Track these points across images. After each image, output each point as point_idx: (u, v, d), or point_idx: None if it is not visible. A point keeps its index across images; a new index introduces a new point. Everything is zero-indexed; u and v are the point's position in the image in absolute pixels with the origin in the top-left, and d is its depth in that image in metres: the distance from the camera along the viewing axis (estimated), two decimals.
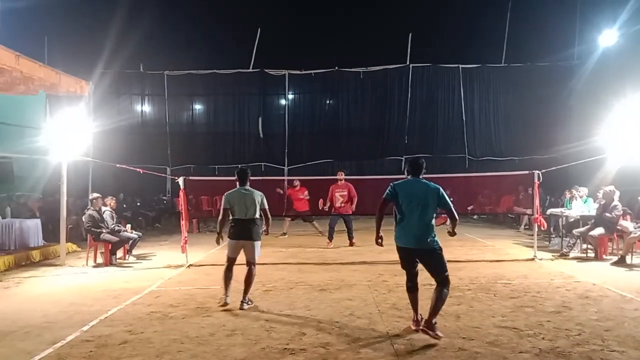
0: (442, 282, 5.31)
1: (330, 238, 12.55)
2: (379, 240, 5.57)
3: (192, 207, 12.05)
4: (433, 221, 5.39)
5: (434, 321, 5.18)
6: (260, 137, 22.54)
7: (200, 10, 21.14)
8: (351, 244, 12.38)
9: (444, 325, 5.65)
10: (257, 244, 6.75)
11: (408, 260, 5.53)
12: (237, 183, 6.91)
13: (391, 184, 5.55)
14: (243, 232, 6.69)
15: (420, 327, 5.28)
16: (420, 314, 5.54)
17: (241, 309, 6.46)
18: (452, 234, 5.59)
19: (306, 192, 13.95)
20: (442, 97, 22.32)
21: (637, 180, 12.55)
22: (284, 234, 14.71)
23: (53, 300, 7.18)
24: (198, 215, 14.68)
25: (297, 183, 14.23)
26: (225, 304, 6.55)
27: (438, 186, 5.49)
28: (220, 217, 6.85)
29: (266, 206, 6.84)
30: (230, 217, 6.77)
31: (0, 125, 15.82)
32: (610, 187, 10.21)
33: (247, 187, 6.87)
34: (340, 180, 12.35)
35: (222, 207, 6.81)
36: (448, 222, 5.76)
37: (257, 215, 6.72)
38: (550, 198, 15.92)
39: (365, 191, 13.04)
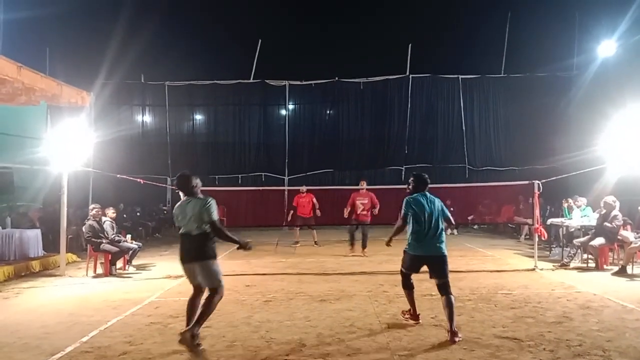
0: (445, 286, 5.77)
1: (351, 245, 12.78)
2: (390, 243, 6.34)
3: None
4: (443, 231, 5.98)
5: (455, 327, 5.56)
6: (260, 147, 22.59)
7: (201, 21, 21.27)
8: (363, 252, 12.51)
9: (444, 336, 5.64)
10: (210, 263, 5.39)
11: (416, 266, 6.04)
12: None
13: (406, 201, 6.06)
14: (187, 253, 5.44)
15: (448, 339, 5.50)
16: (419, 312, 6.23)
17: (179, 340, 5.14)
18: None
19: (313, 199, 14.16)
20: (441, 107, 22.37)
21: (637, 190, 12.55)
22: (297, 242, 14.90)
23: (52, 311, 7.17)
24: None
25: (304, 190, 14.40)
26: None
27: (438, 198, 6.17)
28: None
29: (214, 217, 5.43)
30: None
31: (1, 135, 15.85)
32: (611, 197, 10.21)
33: (191, 196, 5.59)
34: (362, 188, 12.63)
35: None
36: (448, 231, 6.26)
37: (205, 230, 5.40)
38: (550, 208, 15.91)
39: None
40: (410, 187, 6.26)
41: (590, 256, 10.40)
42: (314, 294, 8.03)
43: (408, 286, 6.19)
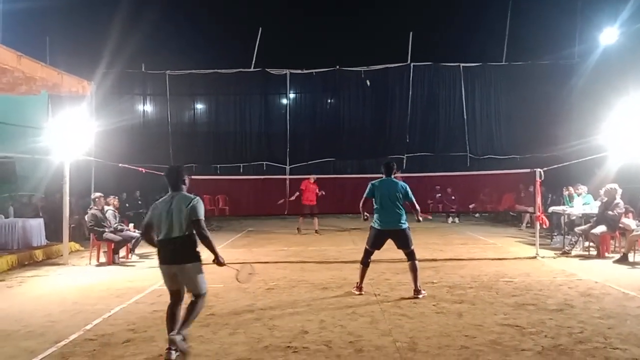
0: (411, 254, 6.97)
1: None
2: (365, 216, 7.29)
3: None
4: (403, 209, 7.02)
5: (419, 286, 6.95)
6: (261, 136, 22.57)
7: (202, 10, 21.16)
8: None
9: (446, 323, 5.68)
10: (196, 267, 4.91)
11: (380, 240, 7.07)
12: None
13: (370, 184, 7.09)
14: (171, 255, 4.87)
15: (412, 295, 6.90)
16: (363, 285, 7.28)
17: (168, 348, 4.68)
18: (419, 220, 7.30)
19: (317, 190, 14.31)
20: (443, 95, 22.27)
21: (639, 178, 12.55)
22: (299, 230, 15.06)
23: (56, 300, 7.21)
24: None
25: (314, 177, 14.59)
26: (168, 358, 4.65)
27: (405, 184, 7.19)
28: (146, 239, 5.22)
29: (200, 216, 4.87)
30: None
31: (2, 125, 15.85)
32: (612, 185, 10.21)
33: (179, 192, 5.07)
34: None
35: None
36: (420, 218, 7.30)
37: (190, 231, 4.87)
38: (551, 196, 15.92)
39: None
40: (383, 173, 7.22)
41: (591, 244, 10.44)
42: (316, 282, 8.07)
43: (366, 264, 7.18)
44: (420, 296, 6.82)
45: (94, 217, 10.40)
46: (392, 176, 7.17)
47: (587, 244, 10.61)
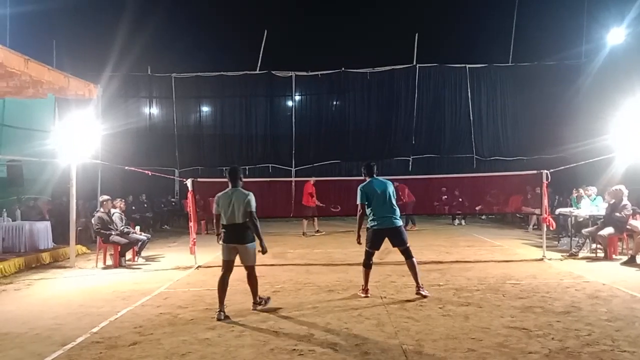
0: (407, 251, 7.00)
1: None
2: (359, 240, 7.23)
3: (200, 208, 12.09)
4: (396, 206, 7.08)
5: (421, 283, 7.00)
6: (267, 139, 22.62)
7: (207, 12, 21.21)
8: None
9: (452, 325, 5.66)
10: (252, 246, 6.40)
11: (379, 241, 7.03)
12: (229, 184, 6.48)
13: (359, 189, 7.08)
14: (234, 236, 6.34)
15: (416, 293, 6.95)
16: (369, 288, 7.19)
17: (254, 309, 6.49)
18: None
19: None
20: (449, 97, 22.23)
21: None
22: (318, 231, 15.24)
23: (63, 302, 7.24)
24: (206, 216, 14.70)
25: (313, 180, 14.78)
26: (219, 319, 6.09)
27: (389, 180, 7.30)
28: (214, 221, 6.61)
29: (253, 208, 6.30)
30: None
31: (9, 128, 15.96)
32: (619, 186, 10.14)
33: (237, 188, 6.41)
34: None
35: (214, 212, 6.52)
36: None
37: (246, 218, 6.28)
38: (558, 198, 15.83)
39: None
40: (363, 175, 7.27)
41: (599, 246, 10.37)
42: (322, 284, 8.06)
43: (369, 265, 7.10)
44: (423, 292, 6.89)
45: (101, 220, 10.44)
46: (375, 175, 7.21)
47: (594, 245, 10.55)
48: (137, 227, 11.64)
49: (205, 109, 23.28)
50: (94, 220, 10.76)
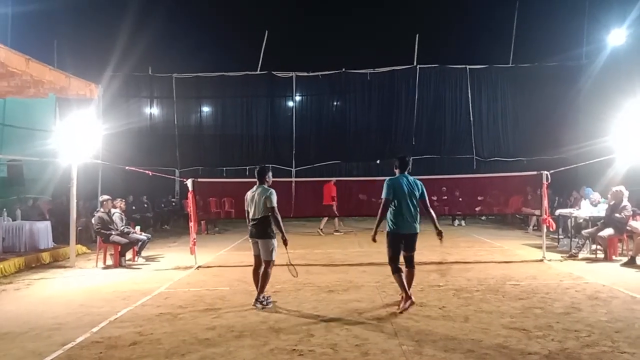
0: (412, 260, 6.51)
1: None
2: (375, 237, 6.57)
3: (200, 208, 12.09)
4: (418, 210, 6.49)
5: (410, 294, 6.47)
6: (267, 139, 22.64)
7: (208, 13, 21.24)
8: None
9: (452, 326, 5.66)
10: (269, 242, 6.67)
11: (399, 245, 6.47)
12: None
13: (387, 183, 6.46)
14: (255, 230, 6.75)
15: (405, 303, 6.34)
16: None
17: (254, 306, 6.62)
18: (439, 233, 6.61)
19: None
20: (449, 98, 22.24)
21: None
22: (337, 230, 15.55)
23: (63, 302, 7.24)
24: (206, 216, 14.72)
25: (334, 180, 14.78)
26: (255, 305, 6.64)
27: (420, 181, 6.63)
28: (246, 217, 7.00)
29: (273, 204, 6.62)
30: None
31: (10, 128, 15.97)
32: (619, 187, 10.14)
33: (262, 185, 6.80)
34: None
35: None
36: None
37: (266, 214, 6.64)
38: (559, 199, 15.83)
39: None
40: (394, 168, 6.67)
41: (599, 247, 10.36)
42: (322, 285, 8.06)
43: (398, 270, 6.45)
44: (412, 300, 6.43)
45: (101, 220, 10.45)
46: (406, 172, 6.61)
47: (594, 246, 10.55)
48: (138, 227, 11.64)
49: (205, 109, 23.30)
50: (94, 220, 10.76)
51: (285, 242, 6.76)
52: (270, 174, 6.97)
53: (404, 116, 22.22)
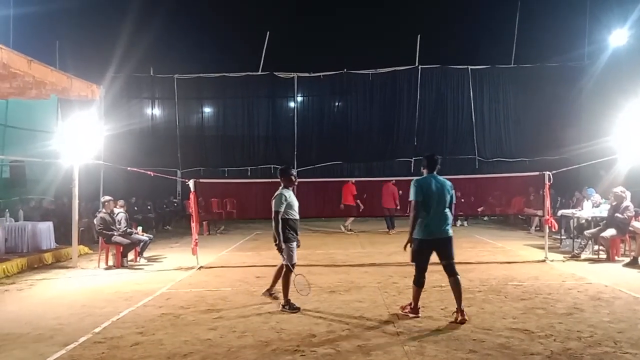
0: (451, 267, 5.92)
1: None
2: (409, 245, 6.03)
3: (202, 209, 12.10)
4: (449, 212, 6.01)
5: (463, 307, 5.88)
6: (269, 140, 22.67)
7: (210, 14, 21.27)
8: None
9: (454, 327, 5.65)
10: (283, 245, 6.50)
11: (428, 252, 5.95)
12: None
13: (414, 183, 6.01)
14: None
15: (459, 320, 5.78)
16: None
17: (263, 294, 6.99)
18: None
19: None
20: (451, 98, 22.25)
21: None
22: (351, 230, 15.87)
23: (65, 303, 7.25)
24: (208, 217, 14.72)
25: (354, 180, 15.25)
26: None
27: (449, 181, 6.16)
28: None
29: (274, 208, 6.52)
30: None
31: (12, 129, 16.00)
32: (620, 187, 10.12)
33: (281, 187, 6.69)
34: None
35: None
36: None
37: (277, 219, 6.50)
38: (561, 199, 15.81)
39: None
40: (422, 168, 6.26)
41: (601, 247, 10.34)
42: (323, 285, 8.06)
43: (421, 283, 6.03)
44: (464, 317, 5.80)
45: (103, 221, 10.46)
46: (435, 172, 6.14)
47: (596, 247, 10.53)
48: (140, 228, 11.65)
49: (207, 109, 23.33)
50: (96, 220, 10.77)
51: (278, 249, 6.52)
52: (284, 174, 6.76)
53: (405, 116, 22.23)
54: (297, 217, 6.70)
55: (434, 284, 7.73)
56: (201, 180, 11.13)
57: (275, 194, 6.59)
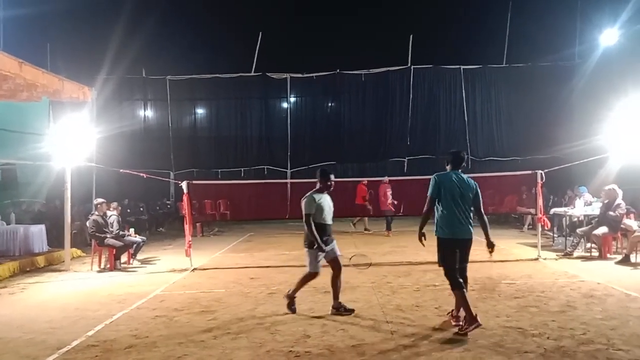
0: (464, 271, 5.69)
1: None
2: (423, 238, 5.69)
3: (195, 211, 12.06)
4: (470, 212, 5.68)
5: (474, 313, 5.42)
6: (262, 141, 22.65)
7: (202, 15, 21.21)
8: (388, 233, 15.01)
9: (448, 326, 5.66)
10: (305, 252, 6.41)
11: (455, 253, 5.63)
12: None
13: (434, 178, 5.72)
14: None
15: (454, 324, 5.61)
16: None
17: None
18: (490, 244, 5.79)
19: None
20: (443, 98, 22.30)
21: None
22: (367, 229, 15.99)
23: (58, 306, 7.21)
24: (201, 219, 14.70)
25: (366, 181, 15.29)
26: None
27: (475, 182, 5.79)
28: None
29: (304, 211, 6.23)
30: None
31: (3, 132, 15.86)
32: (611, 185, 10.19)
33: (313, 190, 6.43)
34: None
35: None
36: (492, 241, 5.86)
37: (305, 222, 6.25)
38: (553, 197, 15.89)
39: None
40: (446, 164, 5.99)
41: (593, 245, 10.41)
42: (317, 286, 8.01)
43: (460, 285, 5.53)
44: (461, 323, 5.49)
45: (96, 223, 10.41)
46: (460, 170, 5.82)
47: (589, 245, 10.59)
48: (132, 230, 11.61)
49: (200, 111, 23.27)
50: (88, 223, 10.72)
51: (320, 250, 6.28)
52: (323, 176, 6.43)
53: (398, 117, 22.25)
54: (327, 222, 6.39)
55: (427, 283, 7.77)
56: (194, 181, 11.11)
57: (305, 195, 6.34)
